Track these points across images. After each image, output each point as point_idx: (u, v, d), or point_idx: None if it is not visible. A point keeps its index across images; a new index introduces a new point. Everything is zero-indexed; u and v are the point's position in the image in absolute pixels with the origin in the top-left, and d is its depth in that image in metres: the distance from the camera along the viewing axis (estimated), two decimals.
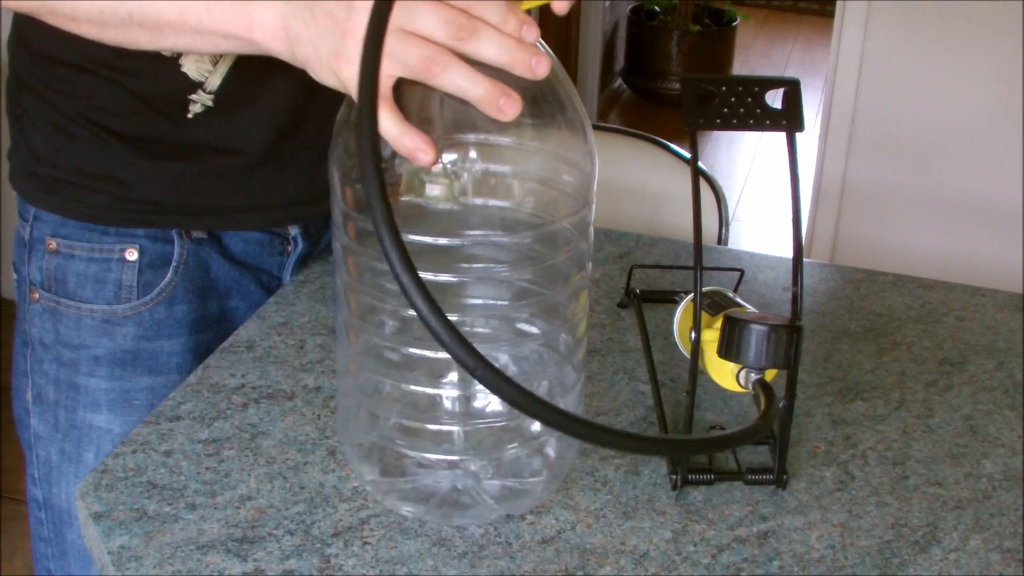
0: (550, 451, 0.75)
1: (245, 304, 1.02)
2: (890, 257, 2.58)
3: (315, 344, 0.94)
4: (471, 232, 0.68)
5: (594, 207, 0.72)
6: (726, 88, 0.74)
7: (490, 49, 0.63)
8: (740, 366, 0.75)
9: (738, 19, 4.35)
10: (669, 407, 0.86)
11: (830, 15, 2.85)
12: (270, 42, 0.71)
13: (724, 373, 0.77)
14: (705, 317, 0.79)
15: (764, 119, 0.75)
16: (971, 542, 0.75)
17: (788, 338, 0.73)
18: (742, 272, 0.99)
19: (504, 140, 0.67)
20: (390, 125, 0.64)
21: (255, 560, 0.71)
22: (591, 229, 0.72)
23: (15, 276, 1.00)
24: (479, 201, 0.68)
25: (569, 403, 0.74)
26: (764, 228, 3.46)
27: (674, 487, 0.78)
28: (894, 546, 0.75)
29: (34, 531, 1.03)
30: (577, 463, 0.81)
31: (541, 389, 0.73)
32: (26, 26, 0.92)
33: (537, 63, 0.63)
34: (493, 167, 0.67)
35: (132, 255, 0.95)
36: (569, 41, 3.58)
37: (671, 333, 0.89)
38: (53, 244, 0.95)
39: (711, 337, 0.76)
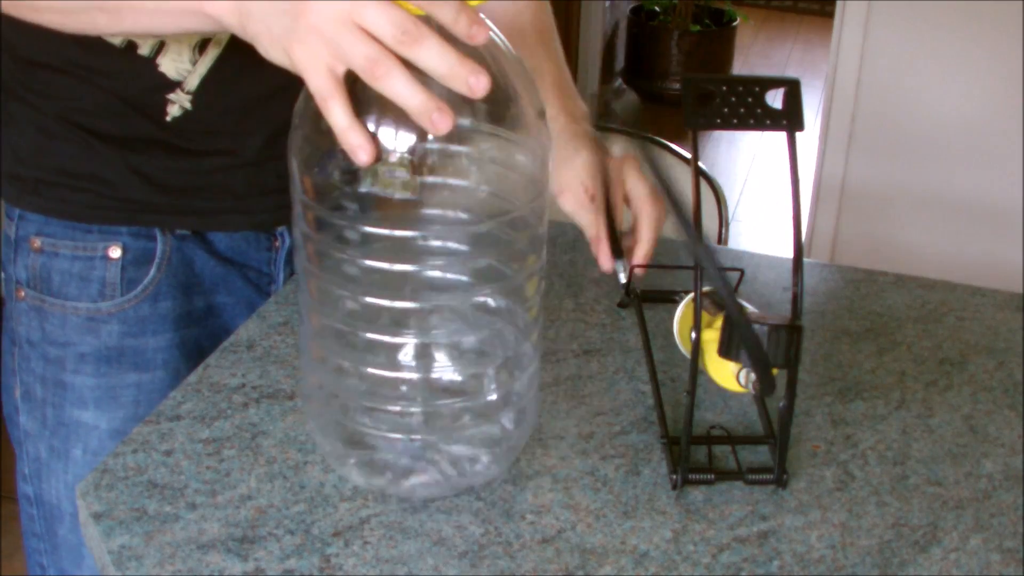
0: (507, 423, 0.76)
1: (233, 300, 1.03)
2: (890, 257, 2.58)
3: None
4: (432, 222, 0.70)
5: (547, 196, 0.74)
6: (727, 88, 0.75)
7: (431, 59, 0.63)
8: (741, 366, 0.75)
9: (738, 19, 4.35)
10: (669, 407, 0.86)
11: (830, 15, 2.85)
12: (222, 15, 0.71)
13: (724, 373, 0.77)
14: (705, 317, 0.79)
15: (765, 119, 0.75)
16: (971, 542, 0.75)
17: (788, 338, 0.73)
18: (742, 272, 0.99)
19: (464, 125, 0.68)
20: (340, 116, 0.64)
21: (255, 560, 0.71)
22: (546, 215, 0.74)
23: (3, 275, 1.00)
24: (439, 189, 0.69)
25: (525, 380, 0.76)
26: (764, 228, 3.46)
27: (674, 487, 0.78)
28: (894, 546, 0.75)
29: (26, 527, 1.03)
30: (577, 462, 0.81)
31: (501, 363, 0.76)
32: (4, 30, 0.92)
33: (476, 82, 0.63)
34: (452, 150, 0.69)
35: (115, 252, 0.95)
36: (569, 41, 3.58)
37: (671, 333, 0.89)
38: (37, 243, 0.96)
39: (712, 337, 0.76)
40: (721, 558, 0.73)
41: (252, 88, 0.93)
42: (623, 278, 0.98)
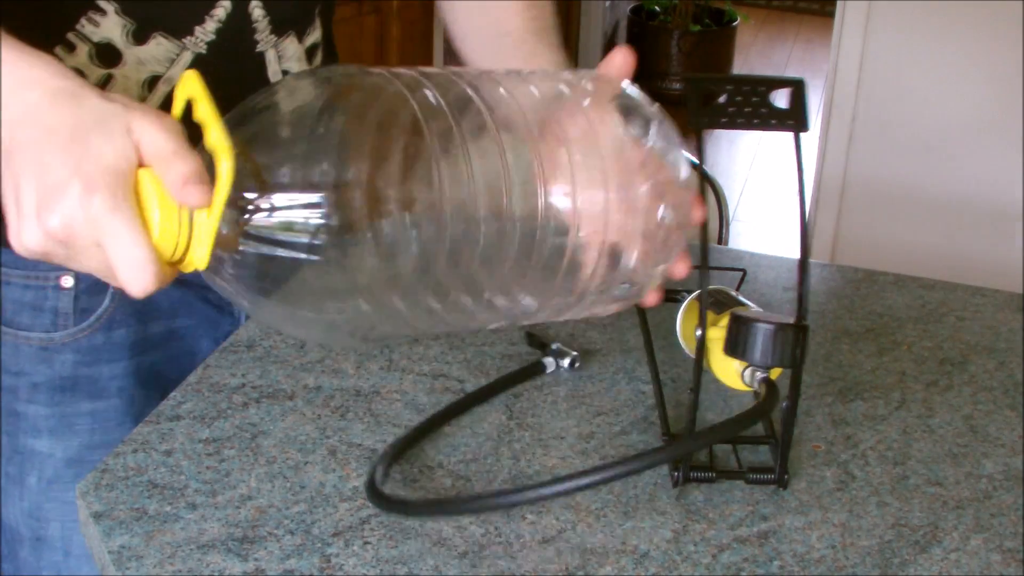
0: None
1: (195, 322, 1.01)
2: (890, 257, 2.58)
3: (315, 344, 0.94)
4: None
5: None
6: (731, 88, 0.74)
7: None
8: (746, 364, 0.75)
9: (738, 19, 4.35)
10: (670, 406, 0.86)
11: (830, 15, 2.85)
12: None
13: (728, 371, 0.77)
14: (710, 315, 0.79)
15: (770, 119, 0.74)
16: (971, 542, 0.75)
17: (794, 337, 0.73)
18: (744, 272, 0.99)
19: None
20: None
21: (255, 560, 0.71)
22: None
23: None
24: None
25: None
26: (764, 228, 3.46)
27: (675, 484, 0.78)
28: (894, 546, 0.75)
29: None
30: (577, 462, 0.81)
31: None
32: None
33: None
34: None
35: (68, 282, 0.93)
36: (569, 41, 3.58)
37: (672, 332, 0.89)
38: None
39: (717, 335, 0.76)
40: (721, 558, 0.73)
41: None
42: None
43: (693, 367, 0.77)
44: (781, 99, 0.75)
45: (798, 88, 0.75)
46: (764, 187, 3.70)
